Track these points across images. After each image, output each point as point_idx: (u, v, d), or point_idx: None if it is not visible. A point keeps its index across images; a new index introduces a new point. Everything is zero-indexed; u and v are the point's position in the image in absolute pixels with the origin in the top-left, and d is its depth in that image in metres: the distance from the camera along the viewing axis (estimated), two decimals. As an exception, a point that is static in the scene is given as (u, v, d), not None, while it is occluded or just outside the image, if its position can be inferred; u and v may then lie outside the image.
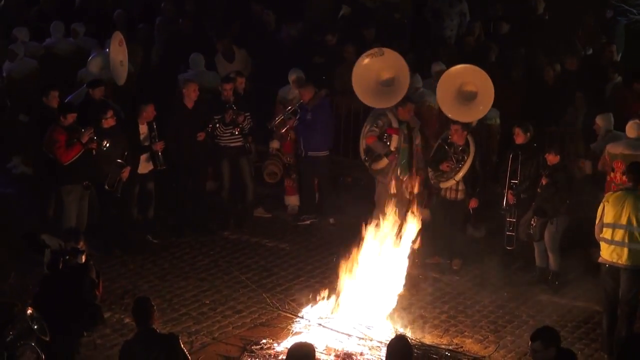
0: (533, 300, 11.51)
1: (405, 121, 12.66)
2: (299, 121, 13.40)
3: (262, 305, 11.18)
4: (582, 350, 10.26)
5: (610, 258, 10.09)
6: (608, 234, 10.07)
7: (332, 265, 12.12)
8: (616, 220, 10.01)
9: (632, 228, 9.93)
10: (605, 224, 10.11)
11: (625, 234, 9.97)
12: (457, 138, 12.09)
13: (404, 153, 12.68)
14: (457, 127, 12.09)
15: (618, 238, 10.00)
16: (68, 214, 12.02)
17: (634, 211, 9.92)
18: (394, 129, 12.67)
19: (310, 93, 13.39)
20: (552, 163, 11.47)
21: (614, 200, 10.08)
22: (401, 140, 12.65)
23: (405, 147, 12.68)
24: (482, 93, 12.50)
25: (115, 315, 10.84)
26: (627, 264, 9.99)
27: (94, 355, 10.07)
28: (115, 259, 12.40)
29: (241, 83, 13.59)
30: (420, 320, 10.76)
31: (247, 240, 13.19)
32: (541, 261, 11.88)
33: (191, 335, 10.50)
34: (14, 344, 7.70)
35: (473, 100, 12.54)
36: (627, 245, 9.96)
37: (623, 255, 9.99)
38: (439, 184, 12.22)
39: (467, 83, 12.57)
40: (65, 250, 9.00)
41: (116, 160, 12.17)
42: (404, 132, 12.67)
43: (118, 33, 14.05)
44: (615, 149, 11.72)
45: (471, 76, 12.62)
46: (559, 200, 11.42)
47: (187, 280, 11.96)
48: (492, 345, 10.45)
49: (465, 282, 11.98)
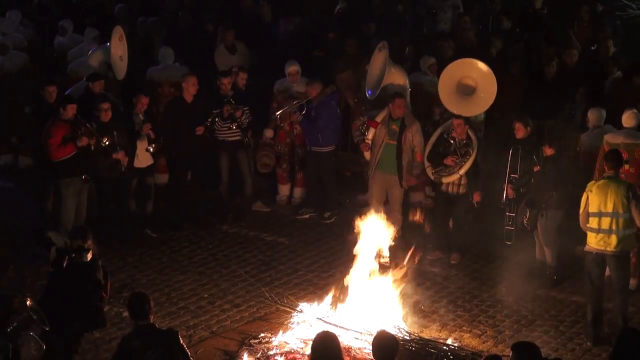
0: (531, 294, 11.50)
1: (398, 118, 12.56)
2: (303, 116, 13.39)
3: (260, 299, 11.19)
4: (580, 345, 10.28)
5: (597, 246, 10.25)
6: (594, 223, 10.23)
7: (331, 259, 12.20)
8: (602, 209, 10.17)
9: (618, 215, 10.11)
10: (590, 213, 10.27)
11: (612, 221, 10.14)
12: (459, 132, 12.08)
13: (387, 149, 12.56)
14: (459, 122, 12.08)
15: (605, 226, 10.17)
16: (67, 207, 12.03)
17: (618, 198, 10.11)
18: (374, 122, 12.62)
19: (317, 90, 13.38)
20: (547, 155, 11.46)
21: (598, 189, 10.23)
22: (384, 135, 12.55)
23: (392, 145, 12.52)
24: (482, 87, 12.49)
25: (113, 309, 10.83)
26: (615, 250, 10.17)
27: (91, 349, 10.09)
28: (113, 252, 12.38)
29: (243, 78, 13.56)
30: (419, 314, 10.75)
31: (246, 234, 13.19)
32: (541, 255, 11.88)
33: (189, 329, 10.51)
34: (16, 334, 7.72)
35: (473, 94, 12.53)
36: (614, 232, 10.15)
37: (611, 242, 10.17)
38: (440, 179, 12.20)
39: (467, 77, 12.56)
40: (71, 249, 8.97)
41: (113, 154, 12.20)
42: (390, 128, 12.54)
43: (118, 28, 14.05)
44: (615, 139, 11.68)
45: (471, 70, 12.60)
46: (547, 190, 11.40)
47: (185, 274, 11.96)
48: (491, 339, 10.46)
49: (464, 276, 11.99)
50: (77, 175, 12.02)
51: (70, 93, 13.44)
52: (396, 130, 12.50)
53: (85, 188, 12.19)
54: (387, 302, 10.37)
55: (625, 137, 11.63)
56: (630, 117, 11.75)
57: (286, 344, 9.90)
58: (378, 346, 7.35)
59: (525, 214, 11.61)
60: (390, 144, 12.53)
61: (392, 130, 12.51)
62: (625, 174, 11.02)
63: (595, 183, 10.34)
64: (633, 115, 11.75)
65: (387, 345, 7.35)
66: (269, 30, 16.07)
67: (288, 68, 13.89)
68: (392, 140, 12.52)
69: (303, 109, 13.40)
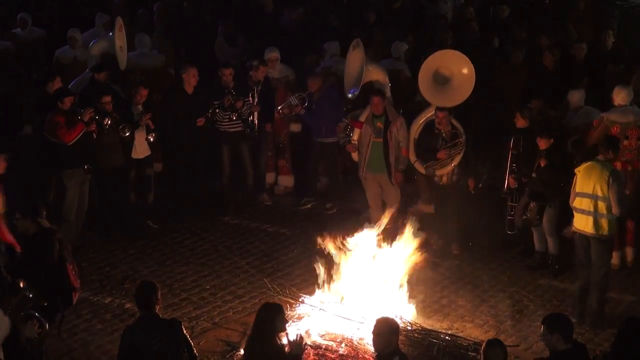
0: (533, 284, 11.53)
1: (381, 115, 12.47)
2: (305, 110, 13.38)
3: (262, 290, 11.20)
4: (582, 335, 10.26)
5: (579, 226, 10.47)
6: (578, 203, 10.45)
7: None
8: (584, 190, 10.36)
9: (597, 197, 10.27)
10: (576, 193, 10.46)
11: (591, 202, 10.32)
12: (444, 124, 11.99)
13: (374, 147, 12.49)
14: (443, 114, 11.95)
15: (585, 207, 10.37)
16: (69, 198, 12.03)
17: (600, 181, 10.27)
18: (358, 122, 12.56)
19: (318, 83, 13.36)
20: (543, 148, 11.44)
21: (584, 171, 10.44)
22: (370, 134, 12.48)
23: (379, 143, 12.47)
24: (457, 76, 12.24)
25: (115, 301, 10.88)
26: (592, 232, 10.35)
27: (94, 340, 10.12)
28: (115, 244, 12.42)
29: (263, 72, 13.47)
30: (421, 304, 10.75)
31: (248, 225, 13.19)
32: (540, 245, 11.89)
33: (192, 320, 10.53)
34: (16, 315, 7.72)
35: (449, 84, 12.27)
36: (592, 214, 10.32)
37: (589, 223, 10.36)
38: (433, 172, 12.13)
39: (443, 67, 12.33)
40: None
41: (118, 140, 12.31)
42: (375, 126, 12.46)
43: (119, 18, 14.07)
44: (624, 118, 11.71)
45: (447, 60, 12.37)
46: (557, 182, 11.40)
47: (187, 265, 11.98)
48: (492, 329, 10.47)
49: (466, 266, 11.98)
50: (79, 166, 12.02)
51: (75, 84, 13.48)
52: (381, 128, 12.43)
53: (87, 179, 12.19)
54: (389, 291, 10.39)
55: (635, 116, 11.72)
56: (624, 94, 11.79)
57: (287, 334, 9.89)
58: (378, 330, 7.46)
59: (529, 209, 11.59)
60: (377, 142, 12.45)
61: (377, 128, 12.44)
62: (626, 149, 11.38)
63: (585, 164, 10.50)
64: (628, 91, 11.83)
65: (387, 330, 7.41)
66: (271, 21, 16.05)
67: (268, 54, 13.89)
68: (378, 138, 12.44)
69: (305, 102, 13.38)
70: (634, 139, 11.68)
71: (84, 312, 10.65)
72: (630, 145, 11.69)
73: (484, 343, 7.73)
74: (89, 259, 12.01)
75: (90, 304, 10.88)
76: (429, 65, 12.37)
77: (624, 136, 11.65)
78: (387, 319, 7.74)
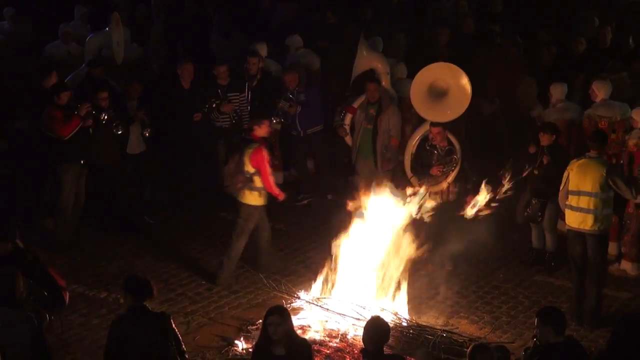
0: (529, 281, 11.54)
1: (376, 102, 12.55)
2: (300, 106, 13.36)
3: (258, 285, 11.20)
4: (577, 332, 10.27)
5: (575, 224, 10.39)
6: (573, 201, 10.37)
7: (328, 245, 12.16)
8: (580, 188, 10.29)
9: (596, 195, 10.22)
10: (570, 191, 10.39)
11: (590, 200, 10.25)
12: (440, 140, 11.67)
13: (365, 133, 12.61)
14: (438, 130, 11.63)
15: (583, 205, 10.30)
16: (65, 192, 12.01)
17: (597, 178, 10.21)
18: (352, 107, 12.78)
19: (295, 78, 13.34)
20: (544, 144, 11.42)
21: (578, 168, 10.35)
22: (362, 120, 12.59)
23: (369, 129, 12.53)
24: (454, 91, 11.92)
25: (111, 295, 10.87)
26: (592, 229, 10.29)
27: (90, 335, 10.11)
28: (111, 238, 12.42)
29: (254, 64, 13.45)
30: (416, 300, 10.75)
31: (244, 221, 13.16)
32: (538, 242, 11.88)
33: (187, 315, 10.53)
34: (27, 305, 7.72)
35: (444, 99, 11.96)
36: (591, 212, 10.26)
37: (588, 221, 10.29)
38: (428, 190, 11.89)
39: (439, 79, 12.02)
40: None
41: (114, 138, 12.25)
42: (367, 113, 12.53)
43: (116, 14, 14.08)
44: (611, 112, 11.81)
45: (443, 73, 12.06)
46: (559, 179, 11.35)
47: (183, 260, 11.97)
48: (488, 326, 10.48)
49: (461, 263, 11.94)
50: (76, 160, 12.00)
51: (70, 79, 13.45)
52: (373, 115, 12.57)
53: (84, 173, 12.17)
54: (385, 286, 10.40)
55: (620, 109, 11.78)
56: (608, 87, 11.85)
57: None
58: (368, 332, 7.45)
59: (531, 204, 11.55)
60: (367, 128, 12.63)
61: (369, 115, 12.61)
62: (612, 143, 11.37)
63: (577, 162, 10.42)
64: (608, 85, 11.87)
65: (377, 332, 7.42)
66: (267, 16, 16.03)
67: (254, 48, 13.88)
68: (369, 124, 12.60)
69: (293, 101, 13.33)
70: (620, 132, 11.76)
71: (80, 307, 10.64)
72: (617, 139, 11.76)
73: (470, 347, 7.63)
74: (85, 253, 12.00)
75: (85, 298, 10.88)
76: (424, 77, 12.08)
77: (612, 130, 11.69)
78: (377, 319, 7.70)
